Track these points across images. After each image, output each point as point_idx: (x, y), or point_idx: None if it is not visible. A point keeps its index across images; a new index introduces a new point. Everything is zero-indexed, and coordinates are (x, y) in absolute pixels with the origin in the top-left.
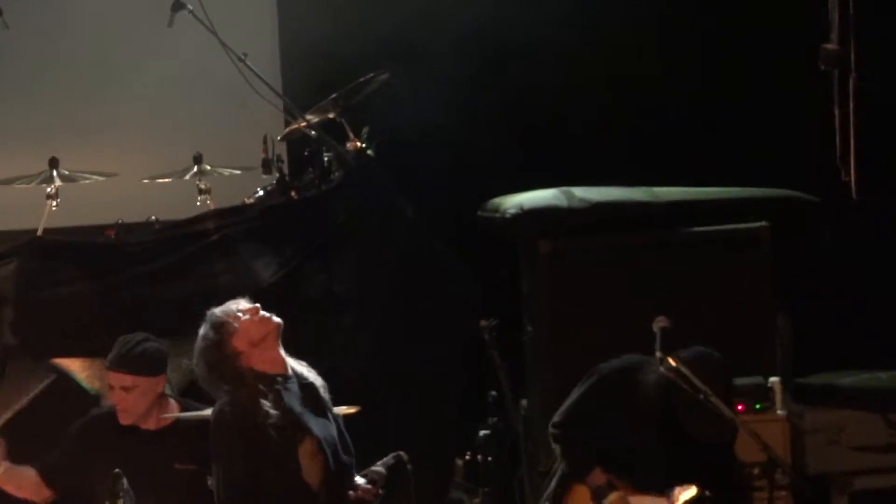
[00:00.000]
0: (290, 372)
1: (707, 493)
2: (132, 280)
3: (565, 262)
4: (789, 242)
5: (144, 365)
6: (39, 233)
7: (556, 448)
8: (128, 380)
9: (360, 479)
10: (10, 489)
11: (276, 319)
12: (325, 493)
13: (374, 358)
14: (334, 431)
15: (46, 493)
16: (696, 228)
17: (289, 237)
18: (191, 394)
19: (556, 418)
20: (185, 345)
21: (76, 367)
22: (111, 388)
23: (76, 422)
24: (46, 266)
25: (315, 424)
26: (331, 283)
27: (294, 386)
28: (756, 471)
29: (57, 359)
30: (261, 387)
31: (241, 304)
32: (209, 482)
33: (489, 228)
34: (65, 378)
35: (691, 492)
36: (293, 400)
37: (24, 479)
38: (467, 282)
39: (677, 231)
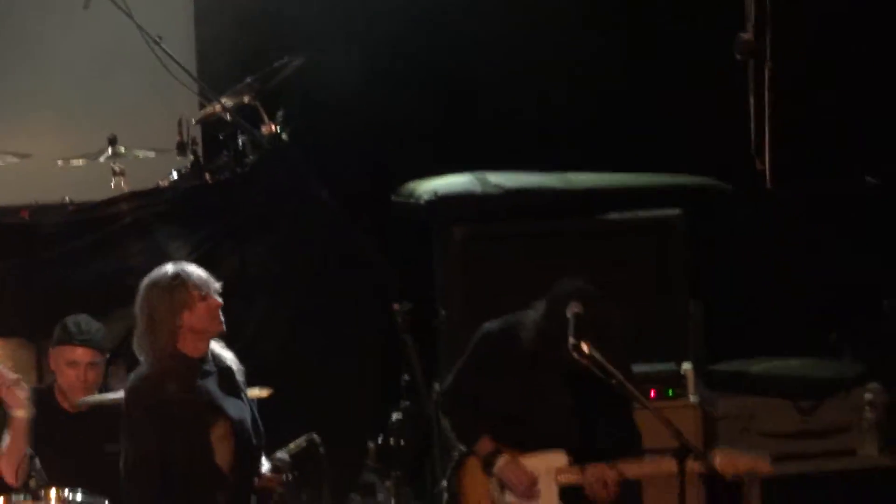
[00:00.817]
0: (209, 356)
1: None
2: (46, 261)
3: (478, 247)
4: (702, 230)
5: (104, 342)
6: None
7: (444, 421)
8: (96, 355)
9: (265, 467)
10: None
11: (222, 324)
12: (234, 477)
13: (288, 341)
14: (247, 415)
15: None
16: (609, 216)
17: (203, 220)
18: None
19: (443, 387)
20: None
21: None
22: (72, 364)
23: None
24: None
25: (230, 407)
26: (244, 267)
27: (211, 367)
28: (668, 456)
29: None
30: (180, 366)
31: (213, 286)
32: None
33: (403, 213)
34: None
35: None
36: (210, 382)
37: None
38: (381, 267)
39: (591, 218)
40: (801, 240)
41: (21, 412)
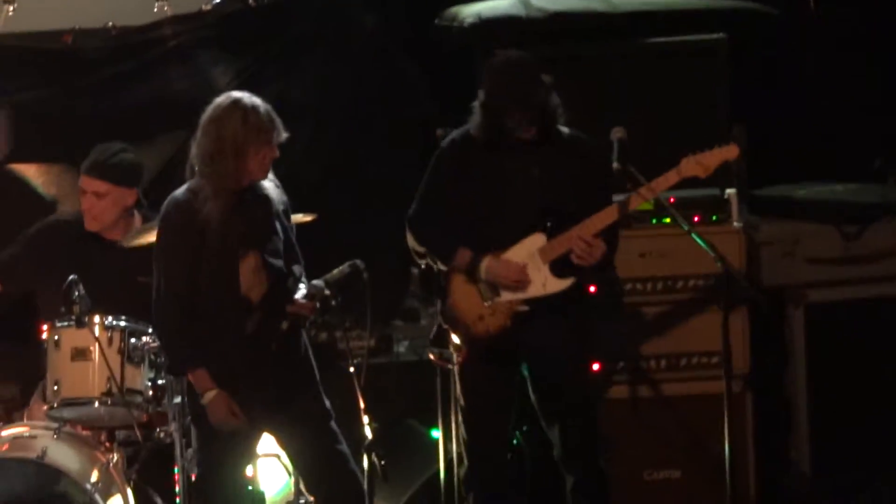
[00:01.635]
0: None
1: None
2: (89, 86)
3: None
4: (747, 54)
5: (119, 174)
6: None
7: (418, 245)
8: (102, 186)
9: (300, 293)
10: None
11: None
12: (264, 307)
13: (331, 166)
14: (281, 244)
15: None
16: (653, 39)
17: (246, 44)
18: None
19: (409, 213)
20: (141, 149)
21: (32, 172)
22: (83, 192)
23: (40, 220)
24: (2, 71)
25: (263, 237)
26: (288, 91)
27: (250, 196)
28: (711, 282)
29: (13, 164)
30: (223, 193)
31: (281, 135)
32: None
33: (446, 38)
34: (21, 183)
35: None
36: (246, 211)
37: None
38: (423, 91)
39: (634, 41)
40: (846, 64)
41: None
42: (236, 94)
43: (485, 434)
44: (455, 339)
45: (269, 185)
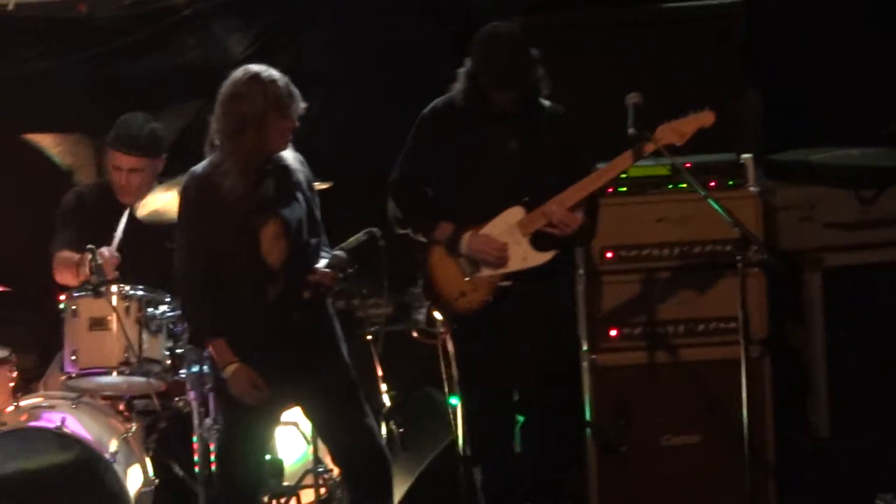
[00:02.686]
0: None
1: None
2: (103, 56)
3: (538, 38)
4: (762, 18)
5: (152, 146)
6: (10, 7)
7: (397, 212)
8: (139, 162)
9: (321, 262)
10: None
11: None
12: (284, 274)
13: (346, 132)
14: (303, 213)
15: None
16: (668, 4)
17: (259, 12)
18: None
19: (391, 178)
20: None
21: (48, 142)
22: (117, 168)
23: (63, 199)
24: (18, 41)
25: (283, 206)
26: (301, 58)
27: (270, 165)
28: (728, 248)
29: (29, 134)
30: (244, 164)
31: (300, 107)
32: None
33: (462, 3)
34: (37, 153)
35: (516, 213)
36: (267, 181)
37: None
38: (441, 52)
39: (650, 7)
40: (862, 28)
41: None
42: (254, 67)
43: (482, 408)
44: (437, 315)
45: (290, 155)
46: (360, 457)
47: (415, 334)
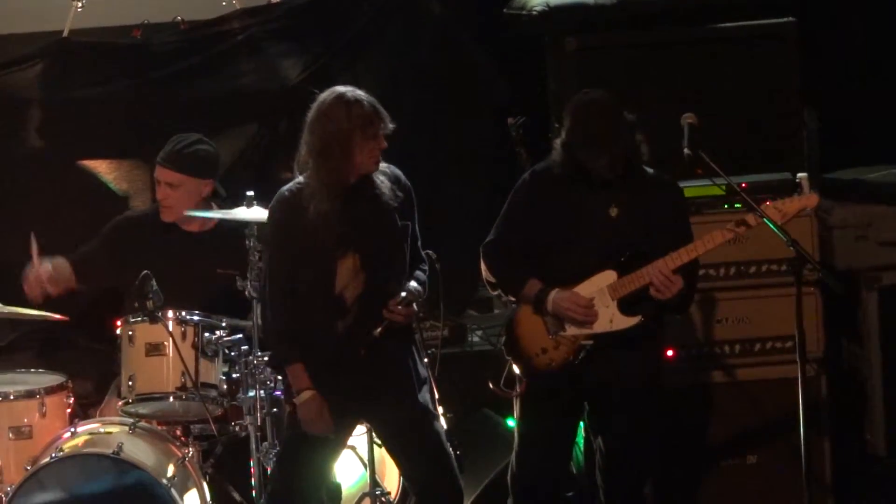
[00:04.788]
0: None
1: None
2: (158, 81)
3: (591, 58)
4: (816, 37)
5: (193, 165)
6: (65, 34)
7: (488, 274)
8: (175, 177)
9: (400, 296)
10: (50, 287)
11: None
12: (357, 307)
13: (402, 157)
14: (388, 245)
15: (73, 284)
16: (722, 24)
17: (315, 36)
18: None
19: (485, 242)
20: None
21: (103, 168)
22: (158, 182)
23: (114, 218)
24: (73, 67)
25: (366, 239)
26: (357, 82)
27: (359, 193)
28: (784, 267)
29: (84, 160)
30: (332, 188)
31: (388, 127)
32: (238, 284)
33: (516, 25)
34: (93, 179)
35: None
36: (353, 208)
37: (59, 271)
38: (493, 77)
39: (703, 27)
40: None
41: None
42: (340, 88)
43: (533, 472)
44: (516, 369)
45: (384, 179)
46: (436, 485)
47: (491, 386)
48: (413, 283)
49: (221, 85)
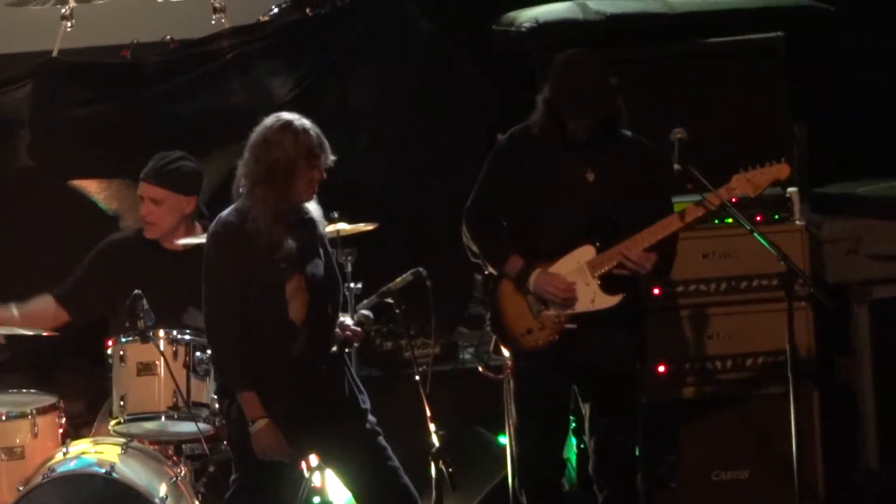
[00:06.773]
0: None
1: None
2: (148, 100)
3: None
4: (805, 52)
5: (176, 181)
6: (55, 54)
7: (470, 242)
8: (159, 193)
9: (347, 320)
10: (29, 325)
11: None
12: (306, 330)
13: (391, 174)
14: (322, 270)
15: (64, 318)
16: (711, 39)
17: (304, 54)
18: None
19: (466, 207)
20: (201, 162)
21: (93, 188)
22: (141, 199)
23: (97, 245)
24: (62, 87)
25: (307, 260)
26: (347, 100)
27: (296, 218)
28: (775, 282)
29: (74, 180)
30: (272, 214)
31: (329, 159)
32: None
33: (504, 42)
34: (82, 199)
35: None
36: (293, 233)
37: (38, 312)
38: (484, 95)
39: (692, 42)
40: None
41: None
42: (286, 115)
43: (535, 452)
44: (504, 350)
45: (314, 206)
46: (388, 500)
47: (480, 369)
48: (361, 309)
49: (211, 103)
